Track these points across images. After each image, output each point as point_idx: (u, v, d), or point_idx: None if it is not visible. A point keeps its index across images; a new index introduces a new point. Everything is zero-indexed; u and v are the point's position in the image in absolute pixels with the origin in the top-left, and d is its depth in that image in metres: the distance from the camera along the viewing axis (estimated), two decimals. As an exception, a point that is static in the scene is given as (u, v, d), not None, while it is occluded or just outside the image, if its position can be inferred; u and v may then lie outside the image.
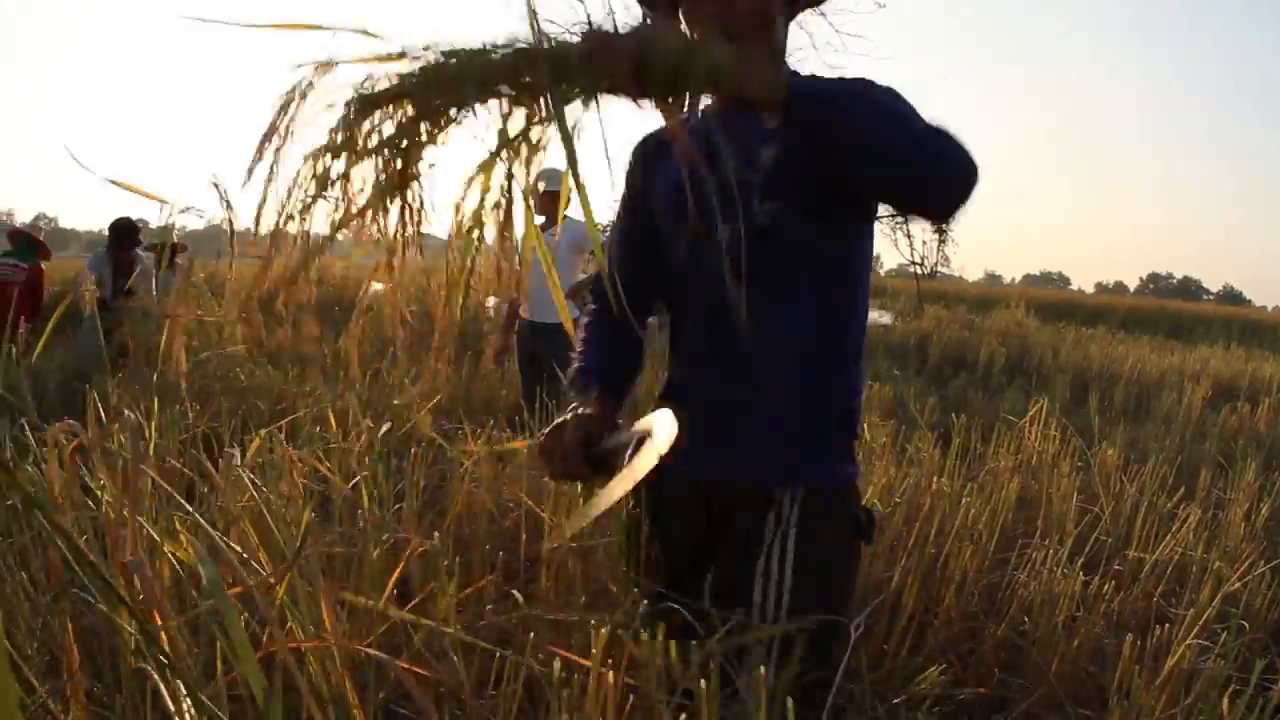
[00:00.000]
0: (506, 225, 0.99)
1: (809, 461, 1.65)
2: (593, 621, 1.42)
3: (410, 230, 0.99)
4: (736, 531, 1.65)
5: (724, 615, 1.42)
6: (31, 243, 8.12)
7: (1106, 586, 2.84)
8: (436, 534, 2.16)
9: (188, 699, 1.08)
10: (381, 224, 0.97)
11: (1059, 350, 11.87)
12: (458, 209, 0.97)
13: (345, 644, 1.18)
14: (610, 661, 1.33)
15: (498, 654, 1.54)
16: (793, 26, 1.66)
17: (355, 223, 0.95)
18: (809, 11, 1.70)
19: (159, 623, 0.94)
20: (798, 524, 1.60)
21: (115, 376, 3.93)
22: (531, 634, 1.71)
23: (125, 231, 7.45)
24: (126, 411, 2.61)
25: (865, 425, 4.23)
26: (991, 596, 2.95)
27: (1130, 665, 2.34)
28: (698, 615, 1.46)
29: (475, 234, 0.96)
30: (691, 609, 1.47)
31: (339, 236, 0.93)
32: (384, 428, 2.75)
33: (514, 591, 2.13)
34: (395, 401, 4.68)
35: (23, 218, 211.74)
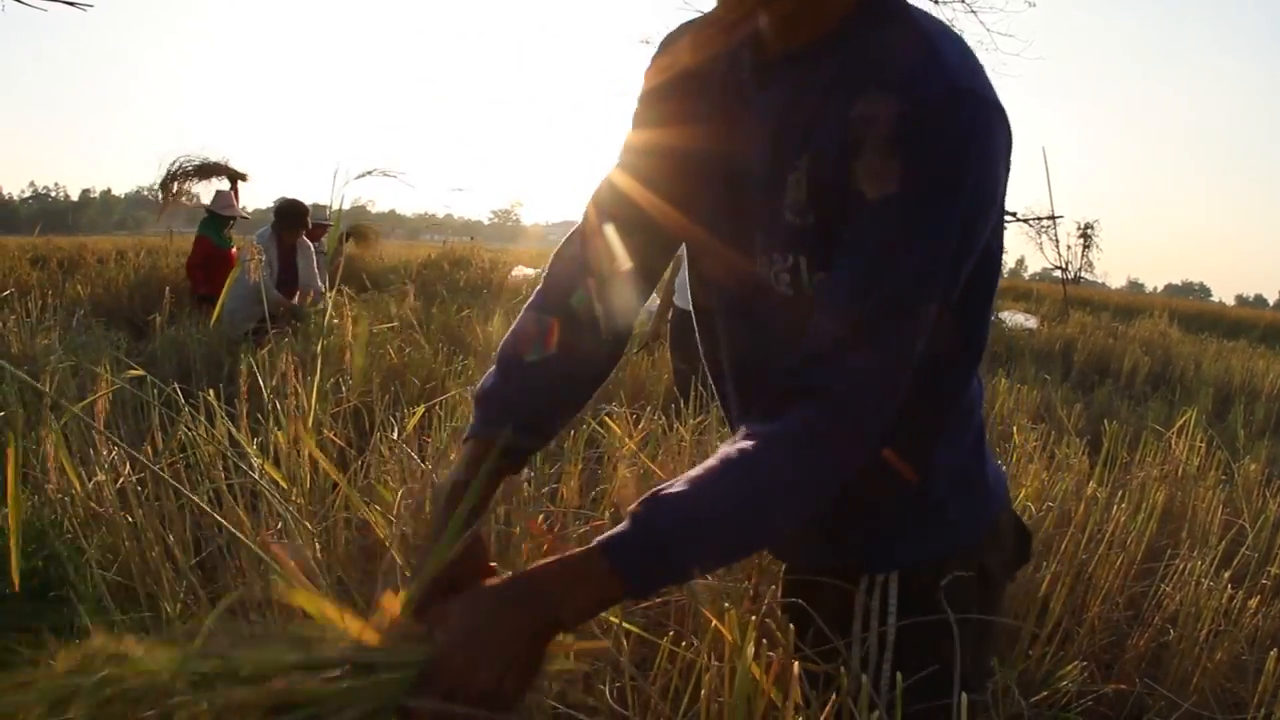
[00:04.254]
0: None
1: (893, 546, 1.41)
2: (727, 605, 1.45)
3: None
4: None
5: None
6: (213, 219, 8.16)
7: (1252, 601, 2.83)
8: (608, 512, 2.23)
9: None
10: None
11: (1201, 362, 11.62)
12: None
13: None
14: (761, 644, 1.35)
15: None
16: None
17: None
18: (959, 8, 1.49)
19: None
20: (897, 604, 1.38)
21: (263, 350, 4.08)
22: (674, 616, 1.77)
23: (291, 213, 7.41)
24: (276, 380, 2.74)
25: (1015, 428, 4.24)
26: (1136, 605, 2.96)
27: (1272, 681, 2.34)
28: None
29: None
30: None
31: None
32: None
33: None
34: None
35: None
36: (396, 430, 2.64)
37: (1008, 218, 19.76)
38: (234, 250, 8.30)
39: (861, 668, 1.36)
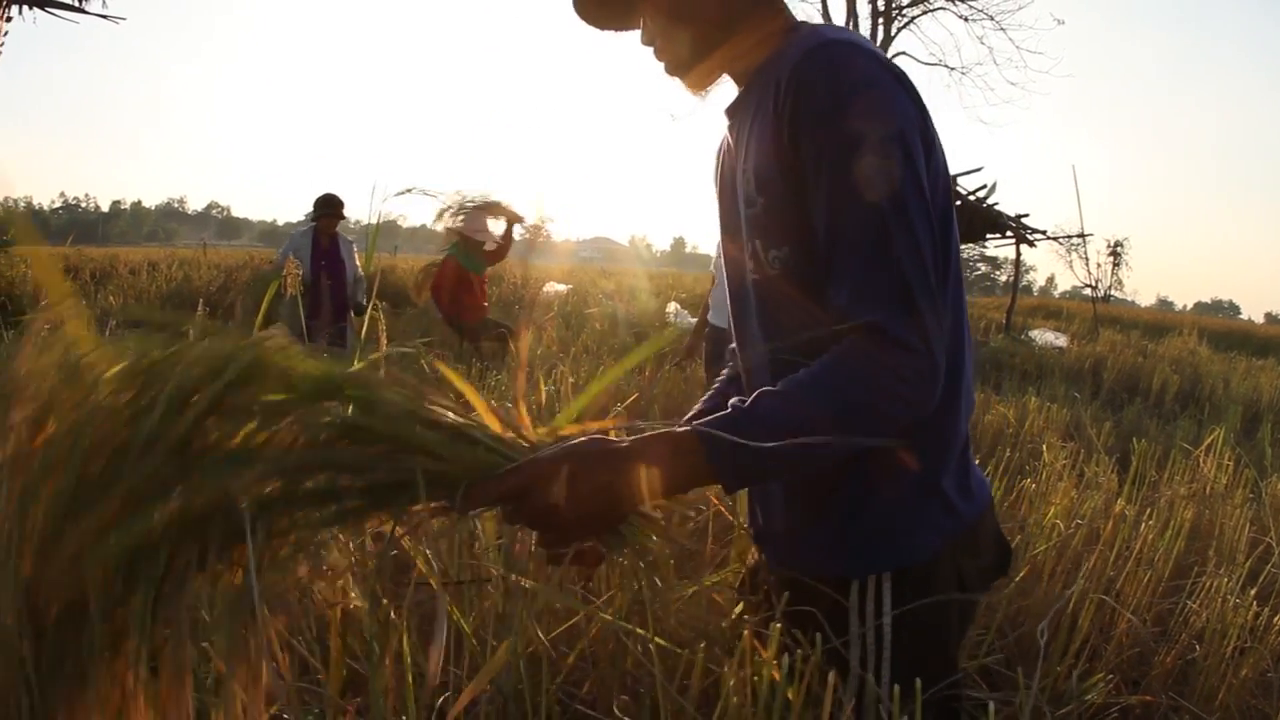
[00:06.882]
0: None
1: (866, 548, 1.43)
2: (746, 617, 1.46)
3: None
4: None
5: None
6: (463, 242, 8.16)
7: (1278, 618, 2.83)
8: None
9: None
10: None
11: (1229, 380, 11.56)
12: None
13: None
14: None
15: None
16: (973, 41, 1.54)
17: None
18: (989, 25, 1.66)
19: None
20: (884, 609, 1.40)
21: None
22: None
23: (326, 201, 7.72)
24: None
25: (1045, 446, 4.26)
26: (1163, 621, 2.97)
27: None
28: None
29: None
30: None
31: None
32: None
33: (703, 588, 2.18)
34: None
35: (194, 205, 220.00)
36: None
37: (1036, 235, 19.62)
38: (484, 277, 8.46)
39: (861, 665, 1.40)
